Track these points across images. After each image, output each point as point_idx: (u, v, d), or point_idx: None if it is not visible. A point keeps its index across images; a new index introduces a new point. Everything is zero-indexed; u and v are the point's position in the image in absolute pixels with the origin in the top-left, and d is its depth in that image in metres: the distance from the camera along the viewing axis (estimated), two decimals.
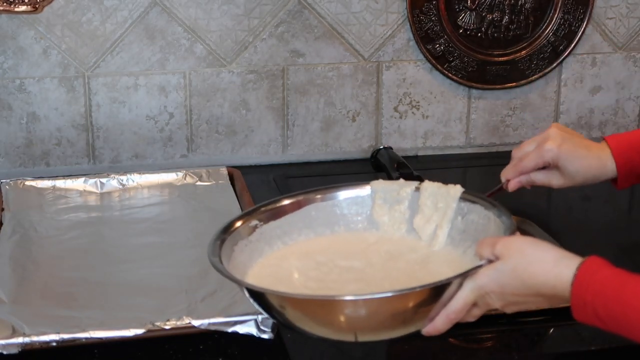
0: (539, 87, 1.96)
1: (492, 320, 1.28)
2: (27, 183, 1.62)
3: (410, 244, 1.25)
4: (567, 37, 1.91)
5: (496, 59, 1.91)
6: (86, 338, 1.15)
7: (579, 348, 1.24)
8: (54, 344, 1.14)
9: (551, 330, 1.28)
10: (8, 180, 1.62)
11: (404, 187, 1.28)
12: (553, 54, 1.92)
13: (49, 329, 1.15)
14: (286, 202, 1.27)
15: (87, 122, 1.79)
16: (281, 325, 1.15)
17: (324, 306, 1.05)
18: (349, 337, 1.09)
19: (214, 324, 1.18)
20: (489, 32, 1.89)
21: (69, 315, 1.22)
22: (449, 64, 1.89)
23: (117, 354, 1.18)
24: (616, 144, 1.35)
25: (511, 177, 1.37)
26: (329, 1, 1.82)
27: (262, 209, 1.26)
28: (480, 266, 1.07)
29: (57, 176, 1.66)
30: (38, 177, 1.65)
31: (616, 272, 1.00)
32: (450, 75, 1.89)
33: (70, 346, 1.15)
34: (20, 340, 1.13)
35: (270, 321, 1.18)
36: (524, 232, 1.54)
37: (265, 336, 1.18)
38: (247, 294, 1.09)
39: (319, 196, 1.29)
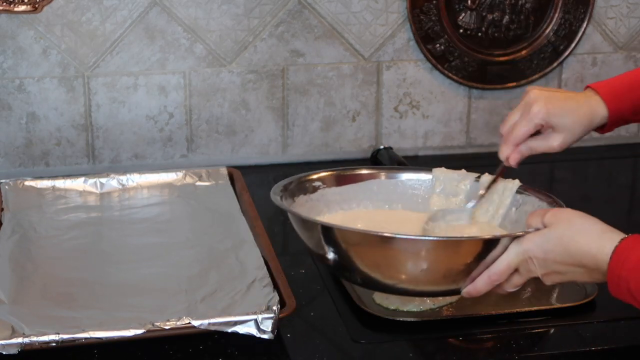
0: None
1: (492, 320, 1.29)
2: (27, 183, 1.62)
3: (463, 225, 1.31)
4: (567, 37, 1.91)
5: (496, 58, 1.91)
6: (86, 338, 1.15)
7: (579, 348, 1.24)
8: (54, 344, 1.14)
9: (551, 330, 1.28)
10: (8, 180, 1.62)
11: (464, 180, 1.35)
12: (553, 53, 1.92)
13: (49, 329, 1.15)
14: (351, 172, 1.37)
15: (86, 122, 1.79)
16: (337, 270, 1.25)
17: (381, 242, 1.15)
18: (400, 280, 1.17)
19: (213, 324, 1.18)
20: (489, 32, 1.89)
21: (69, 315, 1.21)
22: (449, 64, 1.88)
23: (117, 354, 1.18)
24: (605, 90, 1.31)
25: (509, 153, 1.31)
26: (329, 1, 1.82)
27: (328, 173, 1.36)
28: (528, 232, 1.11)
29: (56, 176, 1.66)
30: (38, 177, 1.65)
31: None
32: (450, 75, 1.89)
33: (70, 346, 1.15)
34: (19, 340, 1.13)
35: (270, 321, 1.18)
36: None
37: (265, 336, 1.18)
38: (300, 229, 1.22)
39: (383, 173, 1.39)
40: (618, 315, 1.29)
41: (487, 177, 1.33)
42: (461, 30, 1.88)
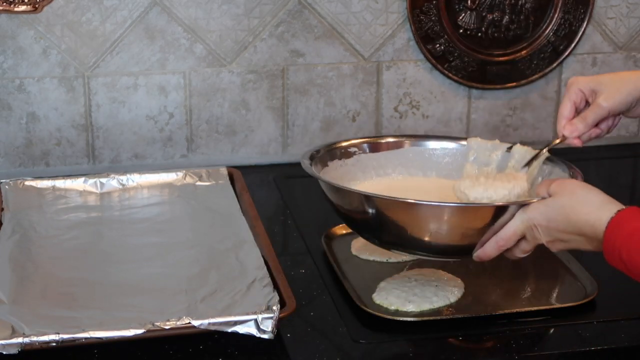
0: (539, 87, 1.96)
1: (492, 320, 1.29)
2: (27, 183, 1.62)
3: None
4: (567, 37, 1.91)
5: (496, 59, 1.91)
6: (86, 338, 1.15)
7: (579, 348, 1.24)
8: (54, 344, 1.14)
9: (551, 330, 1.28)
10: (8, 180, 1.62)
11: (496, 150, 1.40)
12: (553, 53, 1.92)
13: (49, 329, 1.15)
14: (387, 140, 1.45)
15: (87, 122, 1.79)
16: (350, 222, 1.33)
17: (398, 207, 1.24)
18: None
19: (213, 324, 1.18)
20: (489, 32, 1.89)
21: (69, 315, 1.21)
22: (449, 64, 1.88)
23: (117, 354, 1.18)
24: None
25: (561, 128, 1.31)
26: (329, 1, 1.82)
27: (363, 140, 1.44)
28: (534, 201, 1.18)
29: (57, 176, 1.66)
30: (38, 177, 1.65)
31: None
32: (450, 75, 1.89)
33: (70, 346, 1.15)
34: (20, 340, 1.13)
35: (270, 321, 1.18)
36: None
37: (265, 336, 1.18)
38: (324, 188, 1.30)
39: (418, 142, 1.46)
40: (618, 315, 1.29)
41: (518, 147, 1.39)
42: (461, 30, 1.88)
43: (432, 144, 1.46)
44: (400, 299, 1.31)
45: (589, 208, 1.13)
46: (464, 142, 1.45)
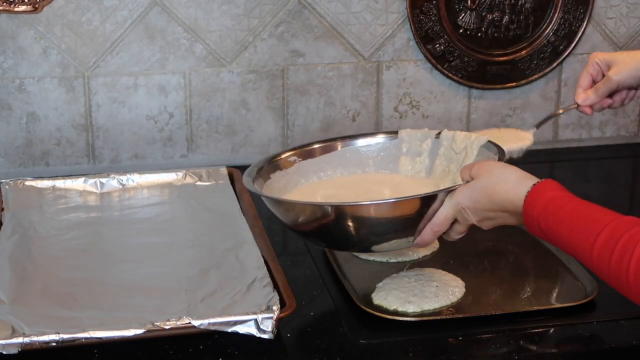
0: (539, 87, 1.96)
1: (492, 320, 1.29)
2: (27, 183, 1.62)
3: (424, 183, 1.43)
4: (567, 37, 1.91)
5: (496, 58, 1.91)
6: (86, 338, 1.15)
7: (579, 348, 1.24)
8: (54, 344, 1.14)
9: (551, 330, 1.28)
10: (8, 180, 1.62)
11: (426, 140, 1.46)
12: (553, 53, 1.92)
13: (49, 329, 1.15)
14: (324, 144, 1.49)
15: (87, 122, 1.79)
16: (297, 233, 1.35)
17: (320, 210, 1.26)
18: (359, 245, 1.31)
19: (214, 324, 1.18)
20: (489, 32, 1.89)
21: (69, 315, 1.22)
22: (449, 64, 1.88)
23: (117, 354, 1.18)
24: None
25: (576, 96, 1.46)
26: (329, 1, 1.82)
27: (301, 149, 1.47)
28: (458, 185, 1.24)
29: (57, 176, 1.66)
30: (38, 177, 1.65)
31: (561, 195, 1.14)
32: (450, 75, 1.89)
33: (70, 346, 1.15)
34: (20, 340, 1.13)
35: (270, 321, 1.18)
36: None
37: (265, 336, 1.18)
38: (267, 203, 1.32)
39: (353, 140, 1.50)
40: (618, 315, 1.29)
41: (445, 133, 1.43)
42: (461, 30, 1.88)
43: (368, 141, 1.50)
44: (400, 299, 1.31)
45: (507, 186, 1.19)
46: (396, 136, 1.50)
